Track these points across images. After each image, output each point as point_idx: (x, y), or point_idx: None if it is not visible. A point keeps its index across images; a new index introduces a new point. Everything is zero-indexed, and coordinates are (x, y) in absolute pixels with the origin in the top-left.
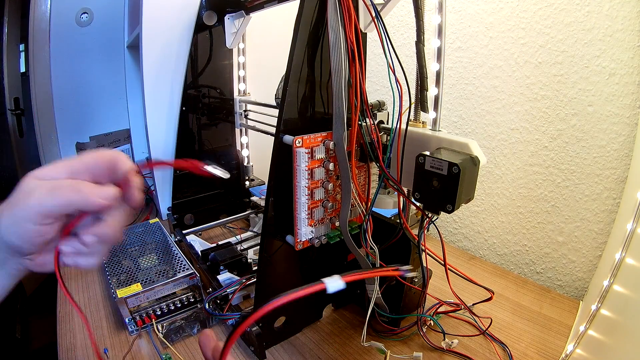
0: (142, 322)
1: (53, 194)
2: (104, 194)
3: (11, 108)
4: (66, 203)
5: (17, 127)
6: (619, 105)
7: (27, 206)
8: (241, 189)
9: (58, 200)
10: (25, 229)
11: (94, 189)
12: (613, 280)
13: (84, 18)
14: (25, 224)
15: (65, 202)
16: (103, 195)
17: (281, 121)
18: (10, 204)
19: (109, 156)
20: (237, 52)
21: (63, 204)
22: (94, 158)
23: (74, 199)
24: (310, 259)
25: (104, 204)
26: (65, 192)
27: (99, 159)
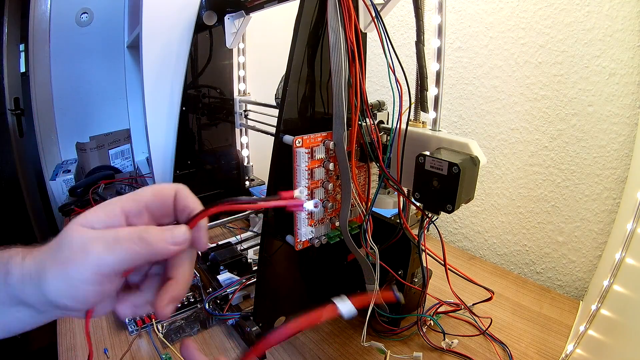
0: (142, 322)
1: (113, 248)
2: (175, 239)
3: (11, 108)
4: (131, 257)
5: (17, 127)
6: (619, 105)
7: (83, 266)
8: (241, 189)
9: (121, 255)
10: (81, 291)
11: (161, 234)
12: (613, 280)
13: (84, 18)
14: (83, 286)
15: (130, 256)
16: (174, 240)
17: (281, 121)
18: (59, 261)
19: (169, 191)
20: (237, 52)
21: (127, 258)
22: (153, 195)
23: (140, 251)
24: (310, 259)
25: (176, 250)
26: (129, 244)
27: (158, 195)
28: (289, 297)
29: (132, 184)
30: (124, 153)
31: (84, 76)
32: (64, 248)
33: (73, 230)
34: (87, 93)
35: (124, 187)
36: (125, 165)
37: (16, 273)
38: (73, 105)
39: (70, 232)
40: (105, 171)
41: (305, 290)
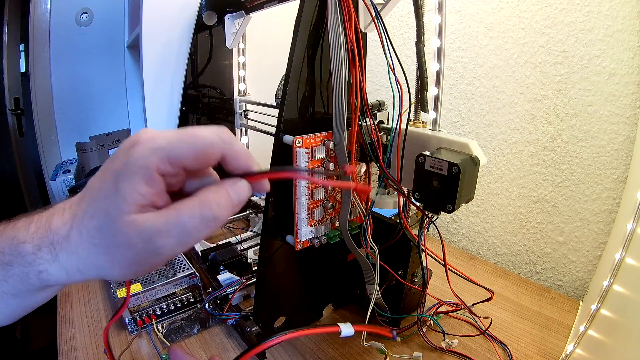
0: (142, 322)
1: (183, 241)
2: (239, 199)
3: (11, 108)
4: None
5: (17, 127)
6: (619, 105)
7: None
8: None
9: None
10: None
11: (224, 204)
12: (613, 280)
13: (84, 18)
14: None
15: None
16: (240, 202)
17: (281, 121)
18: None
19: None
20: (237, 52)
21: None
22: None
23: (208, 231)
24: (310, 259)
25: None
26: (197, 234)
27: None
28: (289, 297)
29: None
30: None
31: (84, 76)
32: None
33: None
34: (87, 93)
35: None
36: None
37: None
38: (73, 105)
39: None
40: None
41: (305, 290)
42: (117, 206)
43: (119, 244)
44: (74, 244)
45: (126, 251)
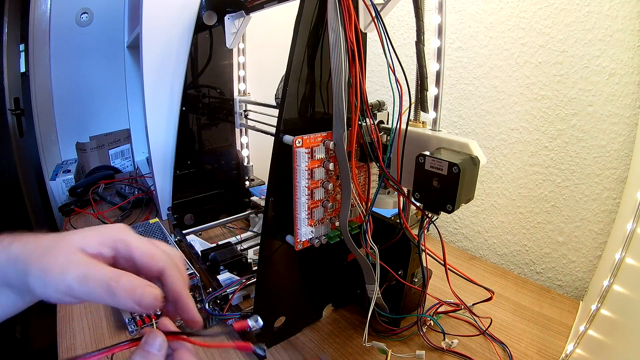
0: (142, 322)
1: (82, 284)
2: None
3: (11, 108)
4: (96, 298)
5: (17, 127)
6: (619, 105)
7: (59, 282)
8: (241, 189)
9: (87, 292)
10: (58, 296)
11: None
12: (613, 280)
13: (84, 18)
14: (58, 295)
15: (95, 297)
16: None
17: (281, 121)
18: (43, 264)
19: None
20: (237, 52)
21: (93, 297)
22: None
23: (105, 298)
24: (310, 259)
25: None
26: (95, 287)
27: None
28: (289, 297)
29: (132, 184)
30: (124, 153)
31: (84, 76)
32: (50, 255)
33: (65, 245)
34: (87, 93)
35: (124, 187)
36: (125, 165)
37: (2, 255)
38: (73, 105)
39: (64, 244)
40: (105, 171)
41: (305, 290)
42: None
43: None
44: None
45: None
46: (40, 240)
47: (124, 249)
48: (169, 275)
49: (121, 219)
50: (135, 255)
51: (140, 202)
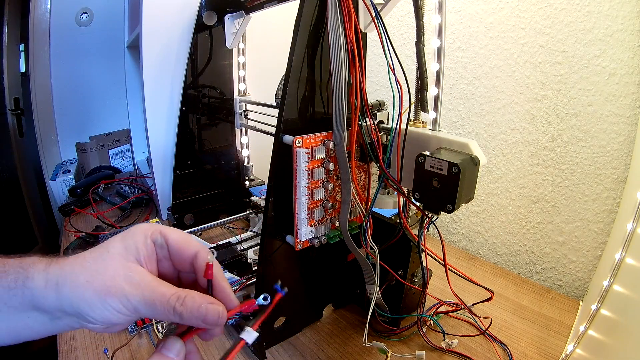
0: (142, 322)
1: (149, 307)
2: (208, 320)
3: (11, 108)
4: (162, 317)
5: (17, 127)
6: (619, 105)
7: (121, 303)
8: (241, 189)
9: (153, 313)
10: (113, 316)
11: (195, 311)
12: (613, 280)
13: (84, 18)
14: (116, 313)
15: (161, 317)
16: (206, 320)
17: (281, 121)
18: (98, 284)
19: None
20: (237, 52)
21: (159, 317)
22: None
23: (171, 318)
24: (310, 259)
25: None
26: (162, 310)
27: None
28: (289, 297)
29: (132, 184)
30: (124, 153)
31: (84, 76)
32: (106, 276)
33: (117, 263)
34: (87, 93)
35: (124, 187)
36: (125, 165)
37: (38, 278)
38: (73, 105)
39: (115, 263)
40: (105, 171)
41: (305, 290)
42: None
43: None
44: (67, 262)
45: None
46: (82, 261)
47: (159, 238)
48: (202, 257)
49: (121, 219)
50: (170, 242)
51: (140, 202)
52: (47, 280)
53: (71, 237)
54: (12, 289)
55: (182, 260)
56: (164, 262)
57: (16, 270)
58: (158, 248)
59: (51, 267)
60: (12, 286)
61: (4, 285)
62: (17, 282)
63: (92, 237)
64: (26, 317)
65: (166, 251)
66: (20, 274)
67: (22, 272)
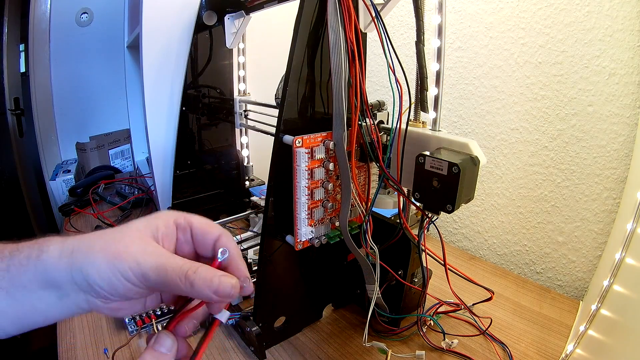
0: (142, 322)
1: (160, 274)
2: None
3: (11, 108)
4: (173, 287)
5: (17, 127)
6: (619, 105)
7: (132, 269)
8: (241, 189)
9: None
10: (123, 285)
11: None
12: (613, 280)
13: (84, 18)
14: (125, 282)
15: (172, 287)
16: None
17: (281, 121)
18: (111, 250)
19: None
20: (237, 52)
21: (170, 286)
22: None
23: (182, 288)
24: (310, 259)
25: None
26: (173, 277)
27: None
28: (289, 297)
29: (132, 184)
30: (124, 153)
31: (84, 76)
32: (121, 243)
33: (135, 234)
34: (87, 93)
35: (124, 187)
36: (125, 165)
37: (54, 249)
38: (73, 105)
39: (132, 233)
40: (105, 171)
41: (305, 290)
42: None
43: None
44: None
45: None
46: (101, 233)
47: (183, 222)
48: (224, 240)
49: (121, 219)
50: (194, 225)
51: (140, 202)
52: (62, 250)
53: None
54: (24, 265)
55: (204, 244)
56: (184, 246)
57: (30, 247)
58: (180, 231)
59: (69, 239)
60: (24, 262)
61: (15, 263)
62: (29, 259)
63: None
64: (35, 298)
65: (189, 235)
66: (34, 250)
67: (36, 247)
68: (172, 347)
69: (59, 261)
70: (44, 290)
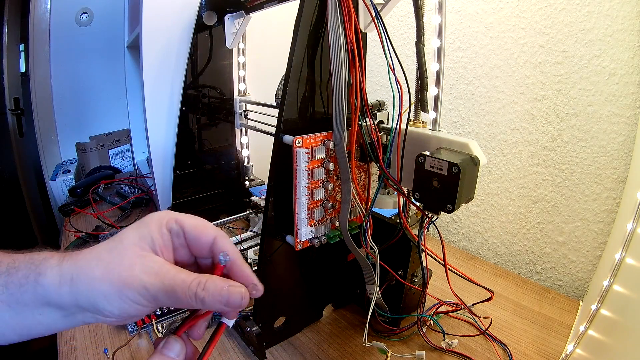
0: (142, 322)
1: (170, 296)
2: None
3: (11, 108)
4: (183, 305)
5: (17, 127)
6: (619, 105)
7: (140, 294)
8: (241, 189)
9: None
10: (132, 308)
11: (217, 295)
12: (613, 280)
13: (84, 18)
14: (134, 305)
15: (183, 304)
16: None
17: (281, 121)
18: (114, 276)
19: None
20: (237, 52)
21: (180, 304)
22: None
23: (193, 305)
24: (310, 259)
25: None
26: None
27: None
28: (289, 297)
29: (132, 184)
30: (124, 153)
31: (84, 76)
32: (122, 266)
33: (132, 252)
34: (87, 93)
35: (124, 187)
36: (125, 165)
37: (51, 274)
38: (73, 105)
39: (130, 251)
40: (105, 171)
41: (305, 290)
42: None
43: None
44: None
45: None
46: (96, 254)
47: (176, 226)
48: (220, 242)
49: (121, 219)
50: (187, 229)
51: (140, 202)
52: (61, 276)
53: (71, 237)
54: (23, 285)
55: (200, 247)
56: (180, 250)
57: (27, 266)
58: (174, 236)
59: (64, 262)
60: (23, 282)
61: (14, 282)
62: (28, 279)
63: (92, 237)
64: (38, 313)
65: (183, 239)
66: (32, 270)
67: (33, 267)
68: (180, 352)
69: (59, 288)
70: (46, 308)
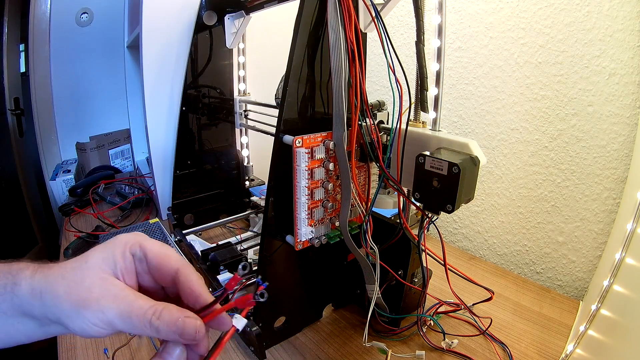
0: None
1: (125, 320)
2: (185, 335)
3: (11, 108)
4: (139, 331)
5: (17, 127)
6: (619, 105)
7: (97, 317)
8: (241, 189)
9: (130, 327)
10: (93, 330)
11: (172, 324)
12: (613, 280)
13: (84, 18)
14: (95, 328)
15: (138, 331)
16: (184, 335)
17: (281, 121)
18: (74, 297)
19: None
20: (237, 52)
21: (136, 330)
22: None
23: (148, 332)
24: (310, 259)
25: (185, 342)
26: (139, 323)
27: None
28: (289, 297)
29: (132, 184)
30: (124, 153)
31: (84, 76)
32: (81, 288)
33: (94, 274)
34: (87, 93)
35: (124, 187)
36: (125, 165)
37: (25, 286)
38: (73, 105)
39: (91, 273)
40: (105, 171)
41: (305, 290)
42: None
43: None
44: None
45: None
46: (62, 271)
47: (138, 251)
48: (184, 273)
49: (121, 219)
50: (149, 257)
51: (140, 202)
52: (33, 289)
53: (71, 237)
54: (2, 294)
55: (161, 276)
56: (143, 275)
57: (5, 276)
58: (137, 261)
59: (36, 275)
60: (1, 292)
61: None
62: (5, 289)
63: (92, 237)
64: (16, 322)
65: (145, 265)
66: (9, 280)
67: (10, 277)
68: (180, 357)
69: (31, 300)
70: (23, 317)
